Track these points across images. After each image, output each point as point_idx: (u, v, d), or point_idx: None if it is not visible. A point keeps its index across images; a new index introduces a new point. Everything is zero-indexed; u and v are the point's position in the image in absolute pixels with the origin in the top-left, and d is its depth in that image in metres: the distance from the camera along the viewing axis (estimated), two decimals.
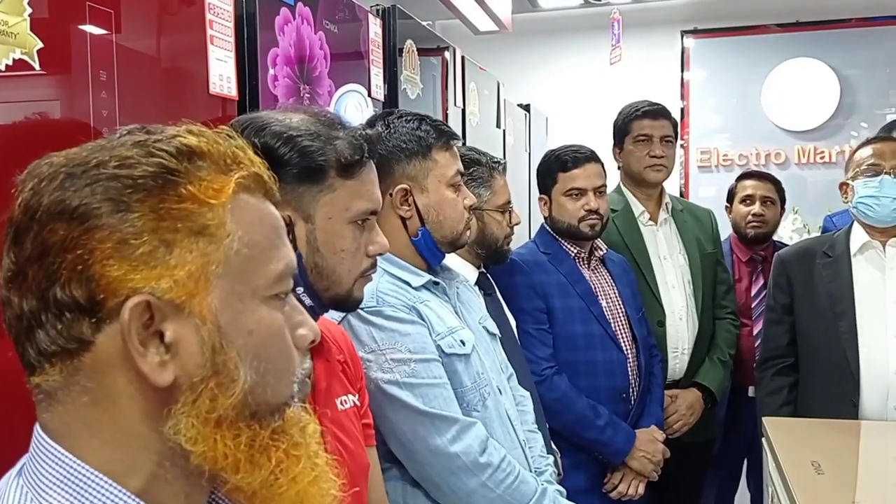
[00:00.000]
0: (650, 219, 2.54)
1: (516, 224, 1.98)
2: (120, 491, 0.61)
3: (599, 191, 2.24)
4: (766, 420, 2.08)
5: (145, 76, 1.37)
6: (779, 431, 1.97)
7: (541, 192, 2.32)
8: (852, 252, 2.18)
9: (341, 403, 1.16)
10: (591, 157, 2.26)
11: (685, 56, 4.72)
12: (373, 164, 1.14)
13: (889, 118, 3.91)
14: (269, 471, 0.65)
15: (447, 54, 2.80)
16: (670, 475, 2.30)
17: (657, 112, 2.54)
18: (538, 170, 2.34)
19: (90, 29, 1.25)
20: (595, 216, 2.21)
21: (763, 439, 2.03)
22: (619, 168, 2.61)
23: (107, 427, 0.62)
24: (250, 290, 0.65)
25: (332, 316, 1.29)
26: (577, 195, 2.21)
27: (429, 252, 1.51)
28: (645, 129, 2.52)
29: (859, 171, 2.15)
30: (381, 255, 1.16)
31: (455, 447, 1.38)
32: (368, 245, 1.13)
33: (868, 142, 2.23)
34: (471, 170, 1.88)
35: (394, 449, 1.40)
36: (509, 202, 1.96)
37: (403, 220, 1.49)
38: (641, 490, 2.19)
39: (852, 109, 4.45)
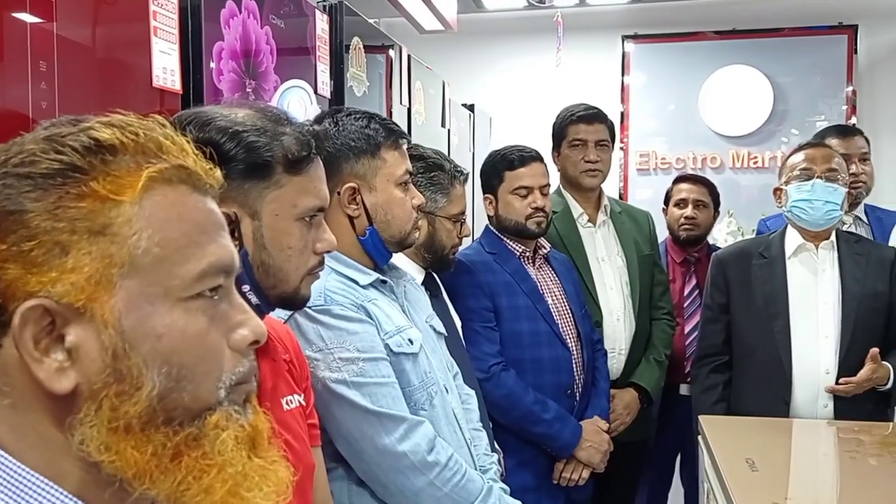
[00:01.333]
0: (589, 221, 2.58)
1: (465, 236, 1.99)
2: (59, 492, 0.60)
3: (544, 190, 2.27)
4: (702, 418, 2.14)
5: (86, 67, 1.33)
6: (714, 429, 2.03)
7: (486, 192, 2.33)
8: (787, 254, 2.25)
9: (287, 403, 1.15)
10: (537, 156, 2.30)
11: (625, 60, 4.80)
12: (320, 160, 1.13)
13: (819, 125, 4.04)
14: (178, 479, 0.62)
15: (392, 52, 2.79)
16: (607, 474, 2.35)
17: (592, 116, 2.56)
18: (483, 169, 2.36)
19: (28, 18, 1.20)
20: (541, 214, 2.24)
21: (699, 437, 2.08)
22: (558, 171, 2.65)
23: (29, 431, 0.61)
24: (162, 291, 0.62)
25: (279, 314, 1.27)
26: (523, 193, 2.24)
27: (376, 251, 1.51)
28: (580, 133, 2.54)
29: (792, 176, 2.22)
30: (328, 252, 1.15)
31: (403, 446, 1.38)
32: (316, 242, 1.12)
33: (800, 148, 2.31)
34: (432, 174, 1.88)
35: (340, 448, 1.39)
36: (463, 213, 1.95)
37: (351, 218, 1.48)
38: (586, 475, 2.22)
39: (784, 116, 4.60)
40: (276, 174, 1.06)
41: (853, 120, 4.44)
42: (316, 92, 2.09)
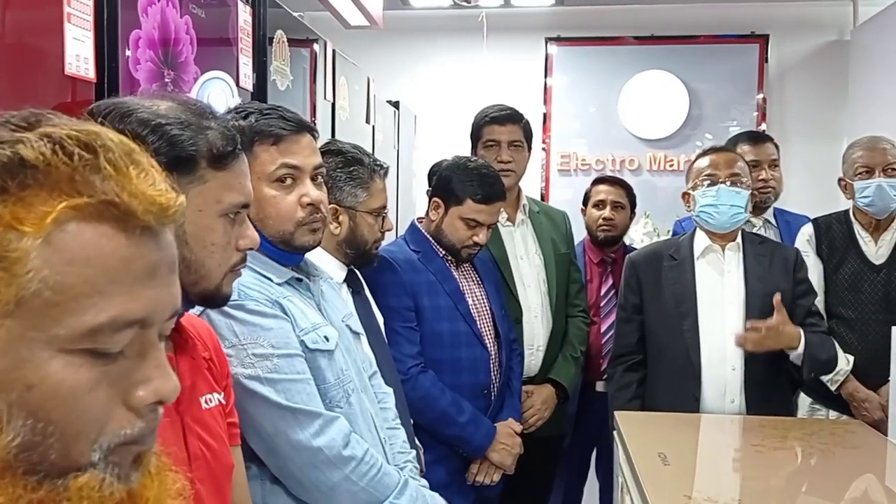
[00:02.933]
0: (508, 220, 2.60)
1: (387, 230, 1.96)
2: None
3: (491, 226, 2.28)
4: (617, 414, 2.20)
5: None
6: (629, 425, 2.09)
7: (437, 195, 2.28)
8: (695, 255, 2.34)
9: (206, 402, 1.12)
10: (503, 195, 2.28)
11: (548, 62, 4.88)
12: (244, 156, 1.11)
13: (732, 131, 4.21)
14: None
15: (317, 47, 2.76)
16: (523, 470, 2.38)
17: (504, 117, 2.57)
18: (448, 176, 2.27)
19: None
20: (477, 248, 2.26)
21: (615, 432, 2.14)
22: None
23: None
24: (45, 339, 0.56)
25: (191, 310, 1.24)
26: (472, 225, 2.23)
27: (270, 252, 1.47)
28: (493, 134, 2.56)
29: (698, 182, 2.30)
30: (251, 249, 1.13)
31: (318, 441, 1.37)
32: (239, 239, 1.10)
33: (704, 153, 2.39)
34: (351, 168, 1.85)
35: (254, 445, 1.37)
36: (385, 207, 1.93)
37: None
38: (497, 478, 2.26)
39: (699, 121, 4.76)
40: (200, 169, 1.03)
41: (763, 126, 4.63)
42: (238, 85, 2.05)
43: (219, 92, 2.00)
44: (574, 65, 4.89)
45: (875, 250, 2.64)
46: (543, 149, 4.84)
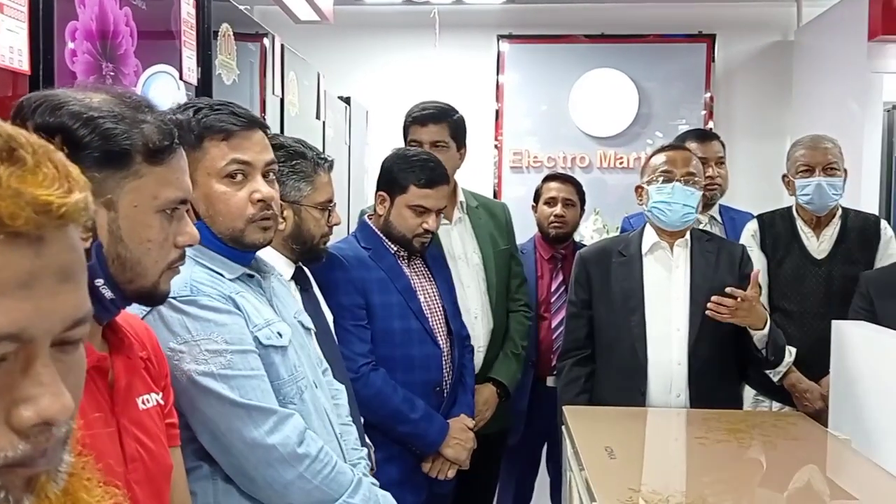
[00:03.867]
0: (444, 218, 2.54)
1: (335, 224, 1.94)
2: None
3: (440, 212, 2.27)
4: (565, 409, 2.22)
5: None
6: (576, 419, 2.10)
7: (381, 189, 2.27)
8: (643, 252, 2.36)
9: (143, 402, 1.10)
10: (446, 179, 2.27)
11: (500, 59, 4.89)
12: (183, 151, 1.09)
13: (681, 129, 4.26)
14: None
15: (266, 41, 2.73)
16: (471, 468, 2.38)
17: (426, 117, 2.53)
18: (389, 168, 2.26)
19: None
20: (429, 235, 2.24)
21: (563, 427, 2.15)
22: None
23: None
24: None
25: (136, 308, 1.22)
26: (420, 212, 2.22)
27: (215, 248, 1.45)
28: (416, 134, 2.53)
29: (653, 177, 2.33)
30: (190, 246, 1.11)
31: (272, 438, 1.35)
32: (177, 235, 1.08)
33: (662, 149, 2.42)
34: (294, 163, 1.83)
35: (206, 443, 1.35)
36: (331, 201, 1.91)
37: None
38: (451, 473, 2.26)
39: (649, 119, 4.82)
40: (136, 164, 1.01)
41: (710, 124, 4.71)
42: (181, 78, 2.01)
43: (164, 86, 1.97)
44: (526, 62, 4.91)
45: (817, 245, 2.70)
46: (496, 146, 4.86)
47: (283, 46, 2.84)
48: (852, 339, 2.16)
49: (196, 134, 1.40)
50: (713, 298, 2.14)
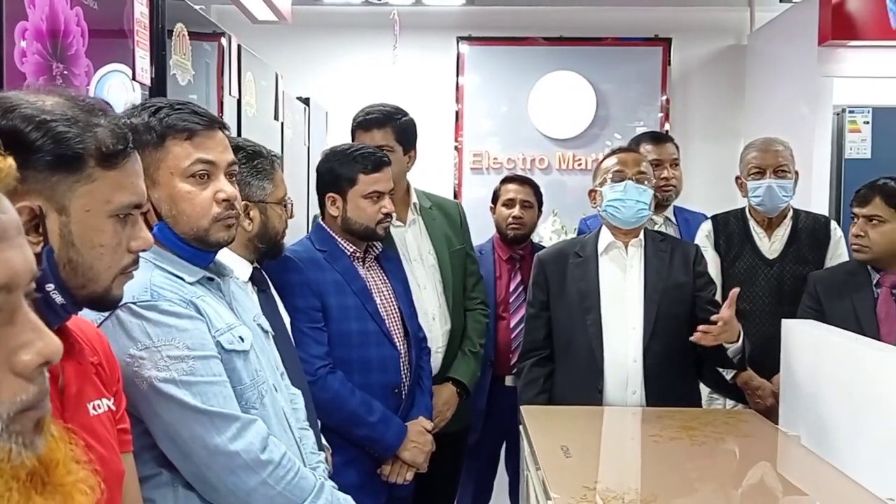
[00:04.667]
0: (398, 220, 2.53)
1: (291, 218, 1.97)
2: None
3: (392, 194, 2.27)
4: (523, 408, 2.24)
5: None
6: (533, 419, 2.12)
7: (331, 191, 2.27)
8: (599, 252, 2.40)
9: (94, 408, 1.09)
10: (388, 161, 2.28)
11: (460, 61, 4.91)
12: (137, 155, 1.09)
13: (638, 130, 4.33)
14: None
15: (223, 41, 2.70)
16: (432, 467, 2.39)
17: (370, 122, 2.51)
18: (328, 167, 2.27)
19: None
20: (389, 219, 2.25)
21: (521, 426, 2.17)
22: None
23: None
24: None
25: (89, 314, 1.20)
26: (375, 198, 2.22)
27: (177, 248, 1.44)
28: (360, 139, 2.50)
29: (606, 178, 2.37)
30: (143, 251, 1.11)
31: (235, 445, 1.34)
32: (131, 240, 1.07)
33: (613, 152, 2.47)
34: (255, 162, 1.86)
35: (167, 451, 1.34)
36: (286, 195, 1.95)
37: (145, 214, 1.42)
38: (410, 477, 2.26)
39: (607, 121, 4.88)
40: (89, 168, 1.01)
41: (667, 126, 4.79)
42: (134, 78, 1.99)
43: (119, 86, 1.94)
44: (485, 64, 4.93)
45: (769, 246, 2.76)
46: (456, 147, 4.87)
47: (239, 46, 2.81)
48: (801, 337, 2.21)
49: (158, 133, 1.39)
50: (700, 328, 2.13)
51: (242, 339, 1.44)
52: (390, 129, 2.50)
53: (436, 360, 2.54)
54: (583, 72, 4.83)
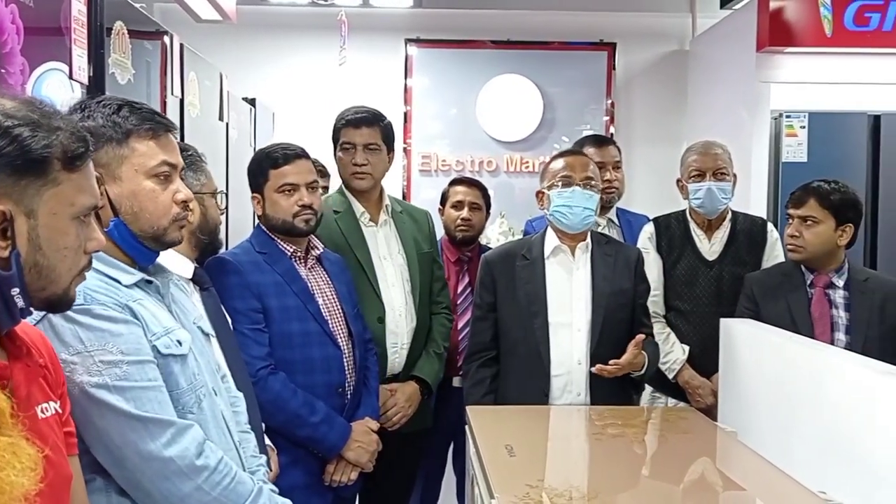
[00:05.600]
0: (371, 220, 2.62)
1: (222, 212, 2.01)
2: None
3: (311, 186, 2.28)
4: (469, 409, 2.25)
5: None
6: (479, 419, 2.14)
7: (253, 191, 2.32)
8: (546, 255, 2.42)
9: (42, 411, 1.08)
10: (302, 153, 2.31)
11: (408, 63, 4.92)
12: (91, 158, 1.11)
13: (585, 133, 4.37)
14: None
15: (166, 40, 2.66)
16: (387, 466, 2.40)
17: (360, 120, 2.59)
18: (249, 168, 2.34)
19: None
20: (309, 211, 2.25)
21: (467, 427, 2.18)
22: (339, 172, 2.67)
23: None
24: None
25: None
26: (289, 191, 2.24)
27: (129, 246, 1.43)
28: (348, 137, 2.58)
29: (553, 182, 2.39)
30: (97, 251, 1.13)
31: (169, 451, 1.33)
32: (87, 241, 1.09)
33: (560, 155, 2.49)
34: (187, 154, 1.86)
35: (100, 457, 1.32)
36: (217, 187, 2.00)
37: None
38: (354, 476, 2.26)
39: (553, 124, 4.93)
40: (54, 171, 1.02)
41: (612, 130, 4.86)
42: (72, 77, 1.95)
43: (56, 84, 1.90)
44: (434, 66, 4.95)
45: (709, 247, 2.83)
46: (405, 149, 4.87)
47: (182, 46, 2.77)
48: (739, 336, 2.27)
49: (123, 130, 1.41)
50: (597, 367, 2.26)
51: (180, 343, 1.43)
52: (378, 128, 2.61)
53: (400, 357, 2.58)
54: (530, 75, 4.88)
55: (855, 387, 1.69)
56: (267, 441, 1.98)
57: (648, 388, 2.92)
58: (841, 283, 2.49)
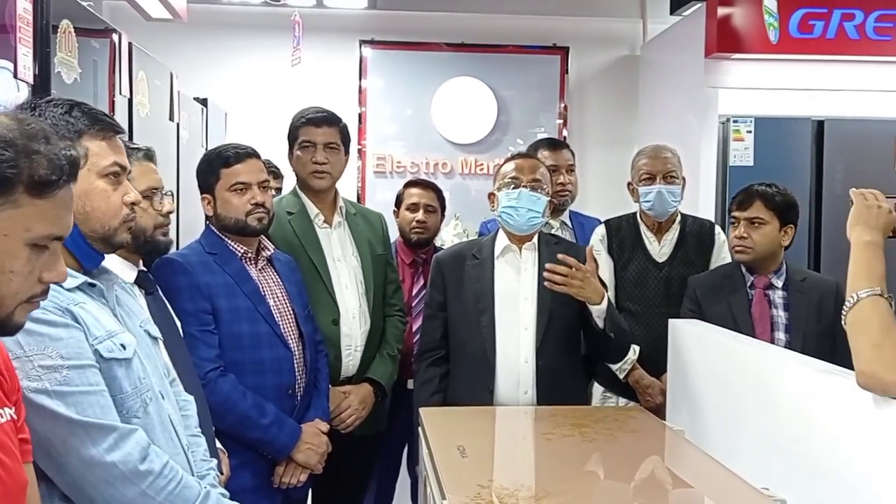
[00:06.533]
0: (325, 221, 2.62)
1: (168, 212, 1.93)
2: None
3: (263, 185, 2.27)
4: (421, 410, 2.26)
5: None
6: (431, 420, 2.15)
7: (203, 192, 2.30)
8: (496, 255, 2.45)
9: None
10: (253, 153, 2.30)
11: (363, 64, 4.91)
12: (72, 187, 1.10)
13: (540, 136, 4.42)
14: None
15: (115, 38, 2.61)
16: (339, 469, 2.39)
17: (321, 119, 2.60)
18: (199, 168, 2.32)
19: None
20: (261, 210, 2.24)
21: (419, 428, 2.19)
22: (294, 172, 2.66)
23: None
24: None
25: None
26: (241, 190, 2.22)
27: (76, 247, 1.42)
28: (309, 135, 2.58)
29: (503, 184, 2.42)
30: (56, 283, 1.12)
31: (112, 456, 1.31)
32: (45, 271, 1.07)
33: (511, 158, 2.53)
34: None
35: (41, 463, 1.29)
36: (154, 189, 1.90)
37: None
38: (303, 478, 2.26)
39: (508, 127, 4.97)
40: (16, 193, 1.01)
41: (565, 133, 4.91)
42: (16, 76, 1.90)
43: (1, 83, 1.86)
44: (389, 68, 4.95)
45: (658, 249, 2.87)
46: (360, 151, 4.86)
47: (130, 44, 2.73)
48: (686, 336, 2.31)
49: (75, 130, 1.41)
50: (547, 266, 2.24)
51: (124, 347, 1.41)
52: (337, 128, 2.63)
53: (354, 359, 2.57)
54: (484, 78, 4.91)
55: (796, 385, 1.74)
56: (218, 444, 1.96)
57: (599, 388, 2.96)
58: (780, 283, 2.56)
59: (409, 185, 3.38)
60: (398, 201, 3.34)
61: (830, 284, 2.56)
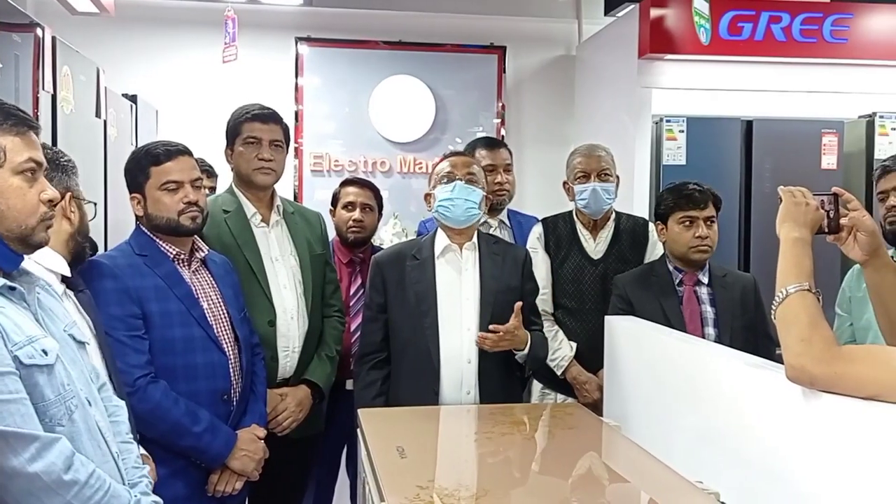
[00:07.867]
0: (262, 220, 2.57)
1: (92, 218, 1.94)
2: None
3: (196, 183, 2.21)
4: (360, 411, 2.24)
5: None
6: (370, 421, 2.13)
7: (132, 191, 2.22)
8: (436, 255, 2.44)
9: None
10: (184, 150, 2.24)
11: (299, 62, 4.85)
12: None
13: (478, 135, 4.43)
14: None
15: (39, 32, 2.52)
16: (276, 471, 2.35)
17: (267, 116, 2.57)
18: (127, 167, 2.23)
19: None
20: (195, 209, 2.18)
21: (358, 429, 2.17)
22: (231, 169, 2.60)
23: None
24: None
25: None
26: (173, 188, 2.16)
27: None
28: (254, 131, 2.54)
29: (437, 181, 2.42)
30: None
31: (34, 467, 1.26)
32: None
33: (445, 157, 2.54)
34: (65, 160, 1.81)
35: None
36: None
37: None
38: (238, 486, 2.21)
39: (446, 126, 4.97)
40: None
41: (503, 132, 4.94)
42: None
43: None
44: (325, 66, 4.90)
45: (594, 246, 2.91)
46: (297, 149, 4.80)
47: (54, 39, 2.64)
48: (621, 332, 2.35)
49: None
50: (479, 334, 2.32)
51: (46, 353, 1.35)
52: (280, 126, 2.60)
53: (292, 361, 2.54)
54: (422, 77, 4.90)
55: (728, 380, 1.78)
56: (141, 450, 1.90)
57: (538, 385, 2.98)
58: (706, 280, 2.62)
59: (345, 183, 3.35)
60: (334, 200, 3.30)
61: (749, 280, 2.65)
